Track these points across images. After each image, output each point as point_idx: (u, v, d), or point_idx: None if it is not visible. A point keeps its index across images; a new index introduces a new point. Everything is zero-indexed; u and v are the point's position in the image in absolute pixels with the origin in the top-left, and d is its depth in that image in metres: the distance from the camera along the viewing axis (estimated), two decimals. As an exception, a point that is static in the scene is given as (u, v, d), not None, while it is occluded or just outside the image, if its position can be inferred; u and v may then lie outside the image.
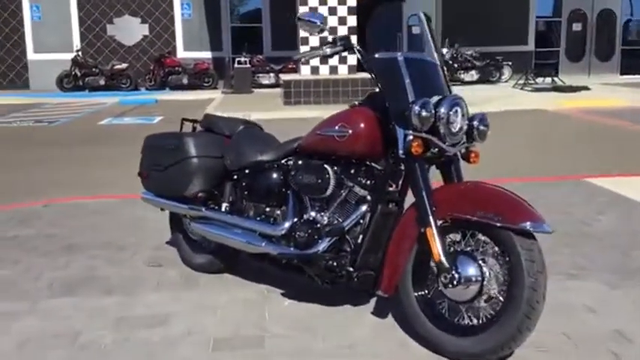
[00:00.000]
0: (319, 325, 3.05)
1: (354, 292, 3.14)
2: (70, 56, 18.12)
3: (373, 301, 3.25)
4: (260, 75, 18.35)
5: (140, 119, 12.67)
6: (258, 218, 3.35)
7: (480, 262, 2.65)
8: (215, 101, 15.10)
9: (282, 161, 3.29)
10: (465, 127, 2.83)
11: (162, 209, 3.76)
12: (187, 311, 3.25)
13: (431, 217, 2.67)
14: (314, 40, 13.83)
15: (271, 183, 3.29)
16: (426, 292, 2.79)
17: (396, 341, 2.86)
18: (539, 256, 2.52)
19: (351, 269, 2.96)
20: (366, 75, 14.22)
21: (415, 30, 18.95)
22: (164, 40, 19.29)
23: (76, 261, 4.04)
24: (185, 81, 18.29)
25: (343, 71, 14.08)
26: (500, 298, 2.60)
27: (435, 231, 2.66)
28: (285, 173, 3.25)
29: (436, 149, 2.78)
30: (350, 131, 2.89)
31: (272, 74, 18.35)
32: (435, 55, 2.96)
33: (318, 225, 3.05)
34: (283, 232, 3.14)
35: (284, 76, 14.89)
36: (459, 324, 2.71)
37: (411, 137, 2.70)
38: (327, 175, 2.99)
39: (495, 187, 2.72)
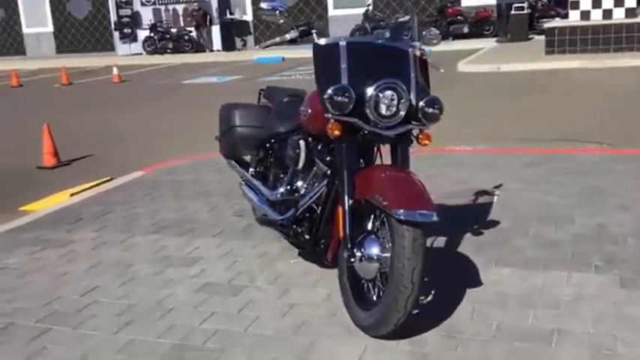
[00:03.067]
0: (292, 284, 3.39)
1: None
2: (362, 11, 19.41)
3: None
4: (544, 20, 17.32)
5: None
6: (273, 184, 3.77)
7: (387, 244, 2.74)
8: (479, 52, 14.90)
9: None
10: (403, 111, 2.85)
11: (232, 168, 4.39)
12: (216, 257, 3.85)
13: (345, 196, 2.83)
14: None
15: (283, 153, 3.66)
16: (354, 264, 2.95)
17: (334, 307, 3.09)
18: (411, 243, 2.52)
19: (308, 237, 3.24)
20: (645, 19, 12.61)
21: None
22: (449, -11, 19.39)
23: (191, 206, 4.92)
24: (466, 30, 18.28)
25: (619, 15, 12.68)
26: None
27: (346, 209, 2.81)
28: None
29: (367, 131, 2.88)
30: (309, 111, 3.13)
31: (557, 19, 17.18)
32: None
33: (295, 195, 3.37)
34: (277, 197, 3.53)
35: (549, 23, 13.98)
36: (367, 298, 2.85)
37: (331, 120, 2.86)
38: (298, 150, 3.27)
39: (404, 173, 2.75)
